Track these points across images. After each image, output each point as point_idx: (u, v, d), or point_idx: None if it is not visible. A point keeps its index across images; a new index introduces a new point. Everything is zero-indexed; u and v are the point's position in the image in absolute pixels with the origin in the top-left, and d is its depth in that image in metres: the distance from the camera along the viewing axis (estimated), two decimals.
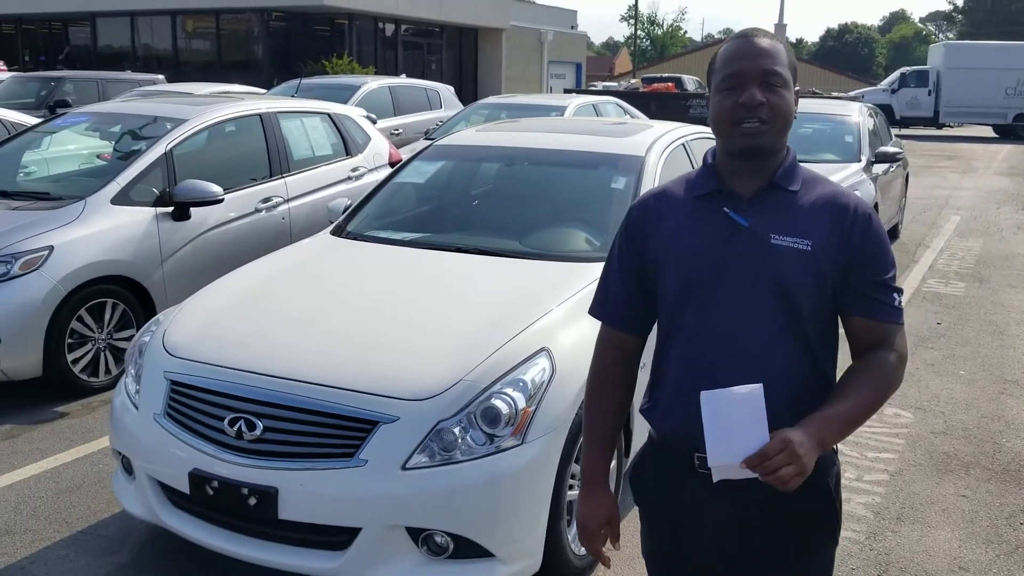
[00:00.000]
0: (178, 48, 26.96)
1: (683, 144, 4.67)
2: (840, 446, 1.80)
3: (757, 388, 1.54)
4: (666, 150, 4.43)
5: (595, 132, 4.89)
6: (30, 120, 7.06)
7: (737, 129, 1.69)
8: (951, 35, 74.15)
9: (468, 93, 26.19)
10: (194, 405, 2.98)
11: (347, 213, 4.44)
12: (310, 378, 2.86)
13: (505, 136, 4.73)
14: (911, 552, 3.42)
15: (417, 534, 2.73)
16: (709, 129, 1.86)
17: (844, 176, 7.55)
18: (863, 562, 3.34)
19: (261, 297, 3.54)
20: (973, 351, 5.91)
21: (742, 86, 1.68)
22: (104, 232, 4.87)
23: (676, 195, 1.83)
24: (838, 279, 1.71)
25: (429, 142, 5.24)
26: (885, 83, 29.54)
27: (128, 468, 3.22)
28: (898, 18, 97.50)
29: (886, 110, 27.03)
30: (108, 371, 4.96)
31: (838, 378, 1.76)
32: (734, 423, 1.53)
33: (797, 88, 1.76)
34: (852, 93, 29.48)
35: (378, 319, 3.26)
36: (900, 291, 1.76)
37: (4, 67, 19.78)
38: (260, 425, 2.82)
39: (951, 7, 72.77)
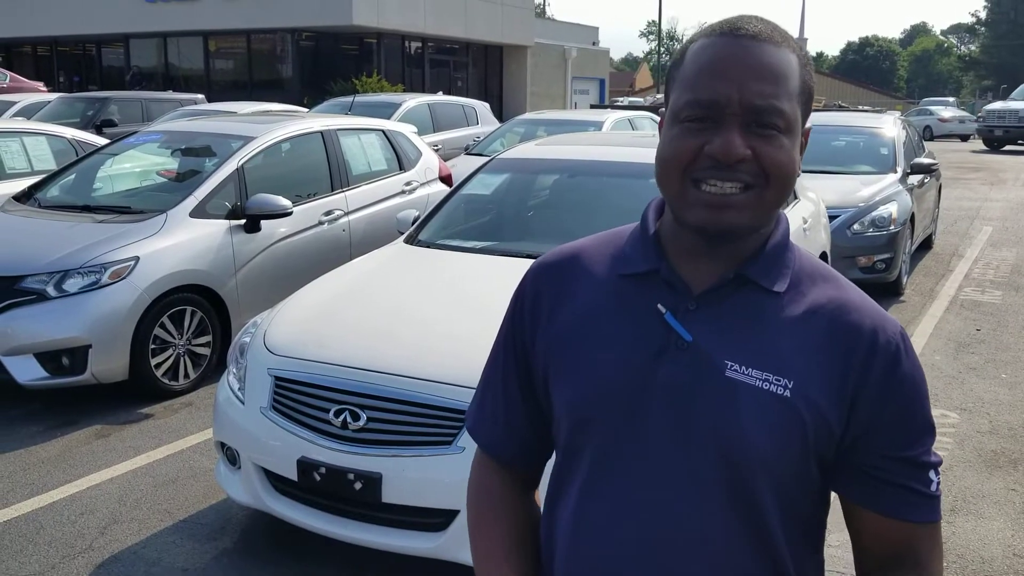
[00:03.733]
0: (209, 68, 27.54)
1: None
2: None
3: None
4: None
5: (652, 145, 5.12)
6: (99, 140, 7.39)
7: (696, 193, 1.03)
8: (973, 47, 73.92)
9: (494, 110, 26.42)
10: (299, 399, 3.22)
11: (418, 223, 4.69)
12: (409, 373, 3.10)
13: (564, 149, 4.96)
14: (967, 540, 3.60)
15: None
16: None
17: (881, 187, 7.70)
18: None
19: (352, 299, 3.79)
20: (1014, 356, 6.06)
21: (715, 123, 1.01)
22: (184, 243, 5.16)
23: (595, 262, 1.18)
24: (831, 449, 1.06)
25: (490, 157, 5.48)
26: None
27: (231, 459, 3.46)
28: (919, 31, 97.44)
29: None
30: (187, 375, 5.22)
31: None
32: None
33: (808, 126, 1.08)
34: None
35: (463, 318, 3.49)
36: (937, 466, 1.09)
37: (45, 88, 20.36)
38: (364, 416, 3.05)
39: (973, 19, 72.67)
